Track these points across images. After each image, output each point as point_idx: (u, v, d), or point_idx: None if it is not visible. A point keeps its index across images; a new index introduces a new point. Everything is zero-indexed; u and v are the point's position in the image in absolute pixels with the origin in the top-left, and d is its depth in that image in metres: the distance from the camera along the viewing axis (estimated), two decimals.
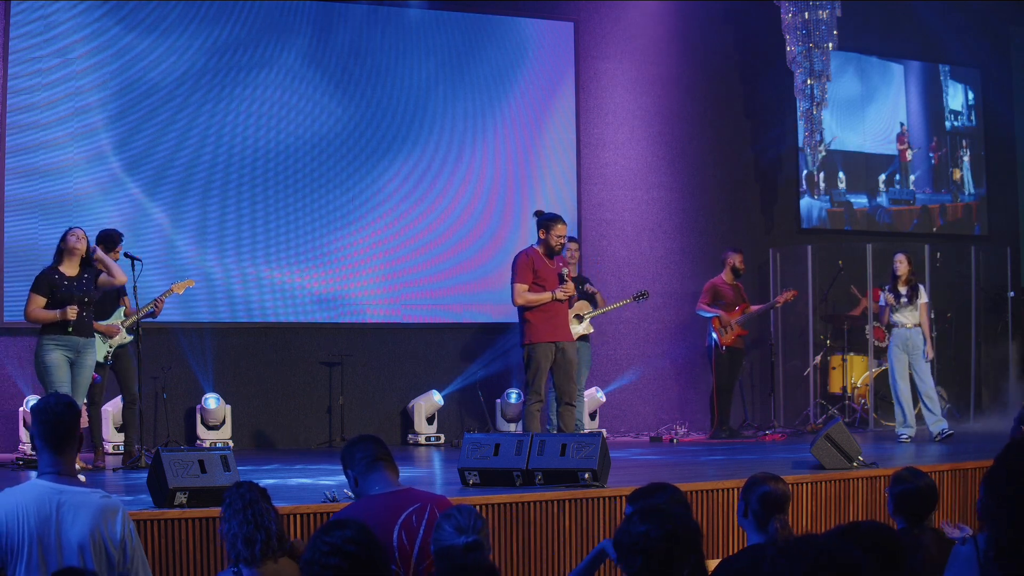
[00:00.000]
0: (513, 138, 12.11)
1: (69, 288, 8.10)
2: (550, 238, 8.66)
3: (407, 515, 4.17)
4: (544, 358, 8.57)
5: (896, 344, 10.57)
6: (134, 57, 10.70)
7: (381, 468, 4.33)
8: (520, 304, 8.69)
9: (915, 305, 10.52)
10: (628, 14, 12.68)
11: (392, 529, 4.13)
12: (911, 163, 14.37)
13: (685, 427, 12.05)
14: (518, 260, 8.74)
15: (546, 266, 8.68)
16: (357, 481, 4.35)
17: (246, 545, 4.08)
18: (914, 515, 4.64)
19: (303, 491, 6.66)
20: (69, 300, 8.03)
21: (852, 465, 7.86)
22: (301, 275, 11.21)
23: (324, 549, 3.25)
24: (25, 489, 3.82)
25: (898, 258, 10.70)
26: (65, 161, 10.45)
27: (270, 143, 11.17)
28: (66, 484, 3.80)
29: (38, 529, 3.70)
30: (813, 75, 12.38)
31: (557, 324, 8.66)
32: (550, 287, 8.64)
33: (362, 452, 4.35)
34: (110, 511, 3.81)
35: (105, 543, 3.75)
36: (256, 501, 4.17)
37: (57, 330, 8.01)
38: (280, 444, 11.04)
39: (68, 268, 8.17)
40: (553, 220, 8.70)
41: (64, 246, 8.18)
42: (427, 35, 11.82)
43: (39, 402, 4.00)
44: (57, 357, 7.97)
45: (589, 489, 6.78)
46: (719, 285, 11.67)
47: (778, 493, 4.27)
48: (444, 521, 3.72)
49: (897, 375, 10.54)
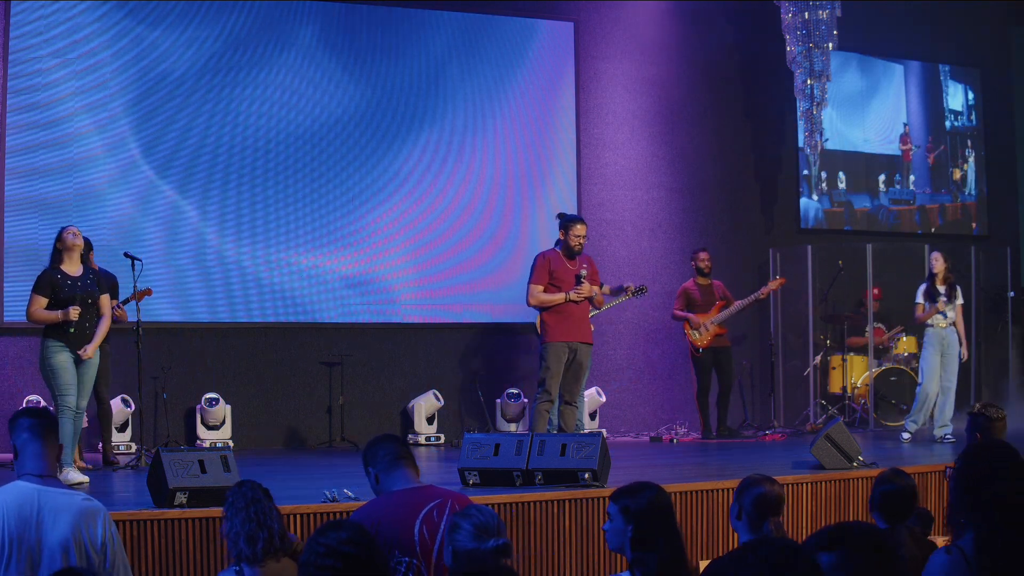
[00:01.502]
0: (513, 138, 12.11)
1: (72, 288, 7.85)
2: (569, 238, 8.76)
3: (428, 510, 4.24)
4: (556, 359, 8.61)
5: (932, 343, 10.41)
6: (134, 56, 10.70)
7: (403, 466, 4.41)
8: (533, 305, 8.80)
9: (954, 304, 10.44)
10: (628, 14, 12.68)
11: (413, 524, 4.20)
12: (911, 163, 14.37)
13: (685, 427, 12.05)
14: (536, 261, 8.89)
15: (564, 267, 8.74)
16: (379, 479, 4.42)
17: (248, 543, 4.07)
18: (894, 515, 4.70)
19: (303, 491, 6.66)
20: (72, 300, 7.78)
21: (852, 465, 7.86)
22: (301, 275, 11.21)
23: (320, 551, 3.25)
24: (7, 490, 3.80)
25: (934, 256, 10.58)
26: (65, 161, 10.45)
27: (270, 141, 11.16)
28: (48, 486, 3.79)
29: (19, 530, 3.69)
30: (813, 75, 12.38)
31: (571, 325, 8.70)
32: (567, 288, 8.68)
33: (384, 450, 4.43)
34: (91, 514, 3.79)
35: (86, 545, 3.73)
36: (259, 500, 4.17)
37: (59, 331, 7.74)
38: (280, 444, 11.04)
39: (69, 267, 7.91)
40: (572, 221, 8.85)
41: (61, 245, 7.91)
42: (427, 35, 11.82)
43: (19, 411, 4.01)
44: (64, 359, 7.70)
45: (589, 489, 6.78)
46: (689, 288, 11.67)
47: (772, 495, 4.26)
48: (463, 521, 3.68)
49: (928, 375, 10.37)
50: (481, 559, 3.58)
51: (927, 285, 10.53)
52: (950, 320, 10.40)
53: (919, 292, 10.58)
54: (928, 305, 10.46)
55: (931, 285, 10.50)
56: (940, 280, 10.48)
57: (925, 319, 10.49)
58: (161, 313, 10.45)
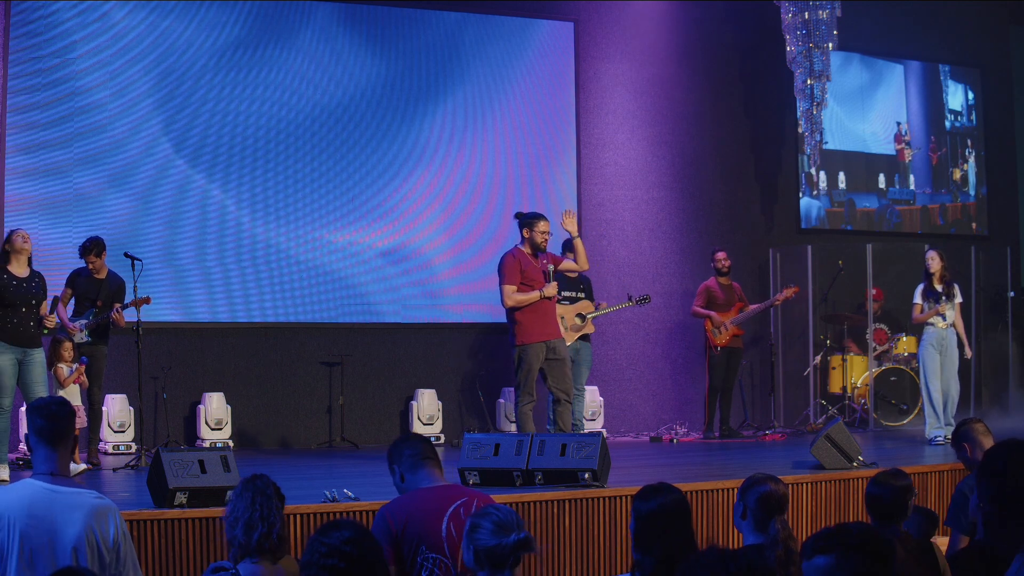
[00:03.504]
0: (513, 138, 12.11)
1: (18, 289, 7.87)
2: (534, 235, 8.68)
3: (455, 508, 4.29)
4: (535, 359, 8.58)
5: (930, 343, 10.31)
6: (136, 56, 10.71)
7: (428, 466, 4.47)
8: (510, 306, 8.68)
9: (953, 304, 10.36)
10: (628, 14, 12.68)
11: (441, 520, 4.25)
12: (911, 163, 14.37)
13: (685, 427, 12.05)
14: (504, 262, 8.73)
15: (532, 265, 8.69)
16: (404, 478, 4.48)
17: (245, 531, 4.00)
18: (886, 516, 4.72)
19: (303, 491, 6.65)
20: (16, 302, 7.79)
21: (852, 465, 7.86)
22: (301, 275, 11.21)
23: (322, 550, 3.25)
24: (17, 488, 3.80)
25: (930, 255, 10.47)
26: (65, 161, 10.45)
27: (270, 141, 11.17)
28: (60, 484, 3.79)
29: (29, 529, 3.68)
30: (813, 75, 12.38)
31: (547, 322, 8.68)
32: (538, 286, 8.65)
33: (411, 450, 4.50)
34: (103, 512, 3.80)
35: (99, 544, 3.73)
36: (269, 496, 4.12)
37: (2, 332, 7.76)
38: (280, 444, 11.04)
39: (16, 269, 7.95)
40: (535, 218, 8.77)
41: (10, 247, 7.96)
42: (427, 35, 11.82)
43: (36, 400, 4.01)
44: (4, 360, 7.71)
45: (589, 489, 6.78)
46: (711, 286, 11.71)
47: (778, 493, 4.25)
48: (482, 520, 3.65)
49: (929, 375, 10.27)
50: (502, 555, 3.56)
51: (924, 284, 10.45)
52: (949, 320, 10.34)
53: (917, 292, 10.48)
54: (927, 305, 10.38)
55: (929, 284, 10.42)
56: (937, 279, 10.40)
57: (924, 319, 10.39)
58: (161, 313, 10.44)
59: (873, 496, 4.76)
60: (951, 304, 10.31)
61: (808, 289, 12.85)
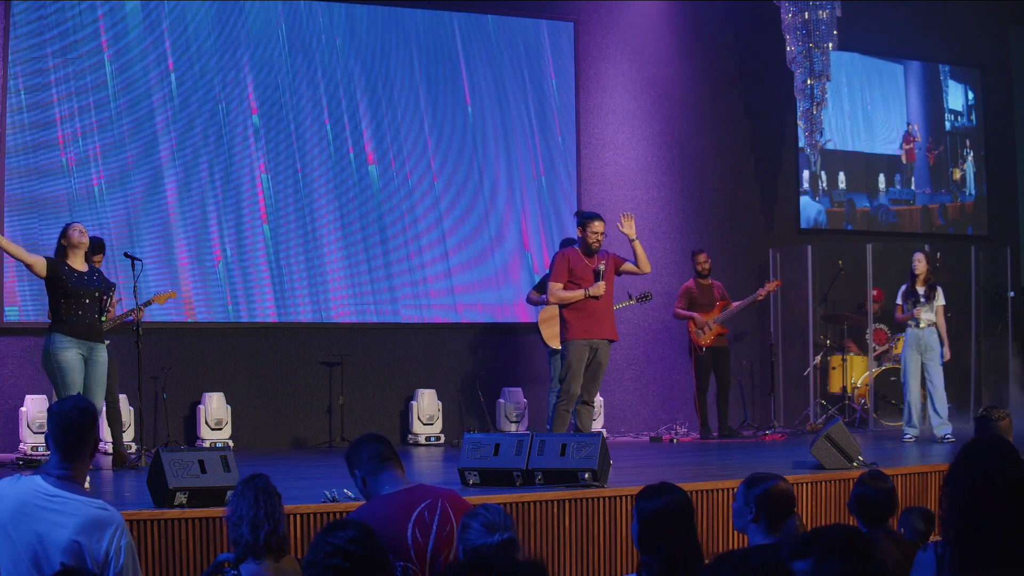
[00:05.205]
0: (513, 138, 12.11)
1: (79, 282, 7.64)
2: (587, 235, 8.77)
3: (419, 512, 4.15)
4: (577, 358, 8.58)
5: (909, 344, 10.52)
6: (136, 56, 10.70)
7: (390, 467, 4.30)
8: (553, 302, 8.84)
9: (932, 306, 10.46)
10: (628, 14, 12.68)
11: (406, 528, 4.11)
12: (913, 163, 14.37)
13: (685, 427, 12.06)
14: (555, 258, 8.91)
15: (583, 264, 8.75)
16: (365, 481, 4.31)
17: (251, 529, 3.97)
18: (872, 518, 4.72)
19: (303, 491, 6.65)
20: (78, 294, 7.56)
21: (852, 465, 7.86)
22: (301, 275, 11.21)
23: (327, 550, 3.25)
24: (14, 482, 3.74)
25: (917, 257, 10.65)
26: (65, 161, 10.45)
27: (270, 141, 11.17)
28: (64, 488, 3.68)
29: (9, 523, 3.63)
30: (813, 75, 12.38)
31: (592, 322, 8.68)
32: (586, 285, 8.68)
33: (369, 452, 4.31)
34: (100, 523, 3.65)
35: (86, 554, 3.60)
36: (271, 494, 4.12)
37: (66, 327, 7.52)
38: (280, 444, 11.04)
39: (75, 262, 7.70)
40: (590, 218, 8.86)
41: (67, 242, 7.71)
42: (426, 34, 11.82)
43: (55, 404, 3.86)
44: (71, 356, 7.48)
45: (589, 489, 6.78)
46: (691, 287, 11.78)
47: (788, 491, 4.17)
48: (472, 520, 3.65)
49: (909, 375, 10.50)
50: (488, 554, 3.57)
51: (907, 286, 10.62)
52: (928, 322, 10.43)
53: (899, 293, 10.68)
54: (906, 307, 10.55)
55: (911, 286, 10.57)
56: (921, 281, 10.54)
57: (902, 321, 10.64)
58: (161, 313, 10.44)
59: (867, 497, 4.74)
60: (929, 307, 10.42)
61: (808, 289, 12.86)
